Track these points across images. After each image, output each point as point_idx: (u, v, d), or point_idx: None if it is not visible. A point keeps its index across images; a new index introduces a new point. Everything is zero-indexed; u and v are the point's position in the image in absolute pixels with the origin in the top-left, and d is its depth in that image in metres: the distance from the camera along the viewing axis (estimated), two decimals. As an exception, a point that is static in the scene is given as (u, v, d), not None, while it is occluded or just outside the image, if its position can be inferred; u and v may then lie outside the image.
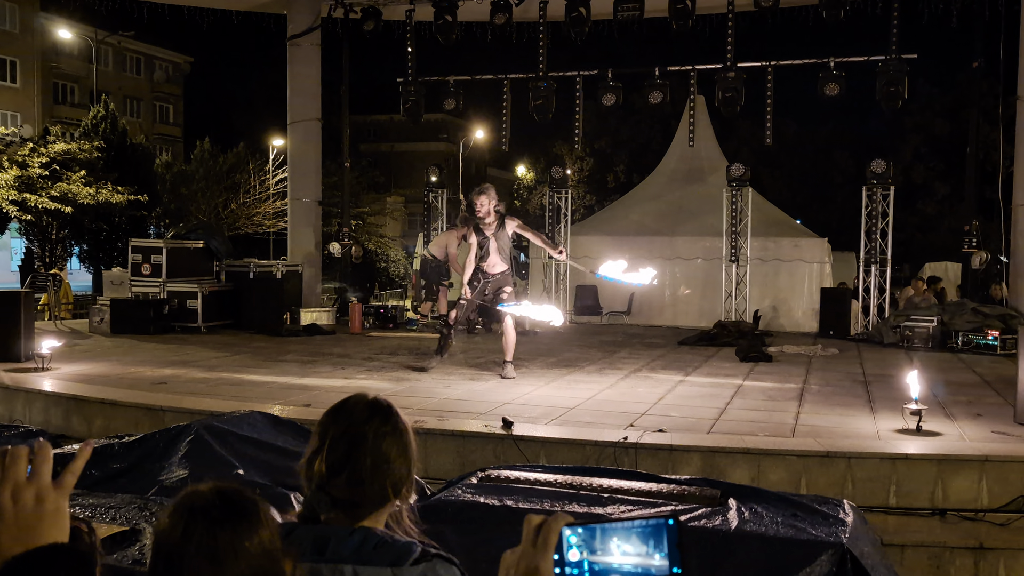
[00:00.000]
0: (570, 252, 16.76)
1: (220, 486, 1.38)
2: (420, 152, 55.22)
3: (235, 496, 1.37)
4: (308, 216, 16.53)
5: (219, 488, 1.38)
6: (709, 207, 16.84)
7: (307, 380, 8.76)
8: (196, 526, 1.32)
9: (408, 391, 8.23)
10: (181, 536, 1.31)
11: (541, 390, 8.41)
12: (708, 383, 9.07)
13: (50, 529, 1.15)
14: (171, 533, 1.32)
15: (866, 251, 14.38)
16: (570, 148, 42.89)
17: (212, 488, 1.37)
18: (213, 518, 1.33)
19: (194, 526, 1.32)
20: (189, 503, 1.35)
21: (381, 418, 1.77)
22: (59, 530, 1.16)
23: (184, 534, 1.31)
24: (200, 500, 1.35)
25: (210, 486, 1.38)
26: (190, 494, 1.37)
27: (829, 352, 11.89)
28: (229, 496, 1.37)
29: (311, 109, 16.47)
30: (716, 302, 15.76)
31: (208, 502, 1.35)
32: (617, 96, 15.12)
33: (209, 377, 8.88)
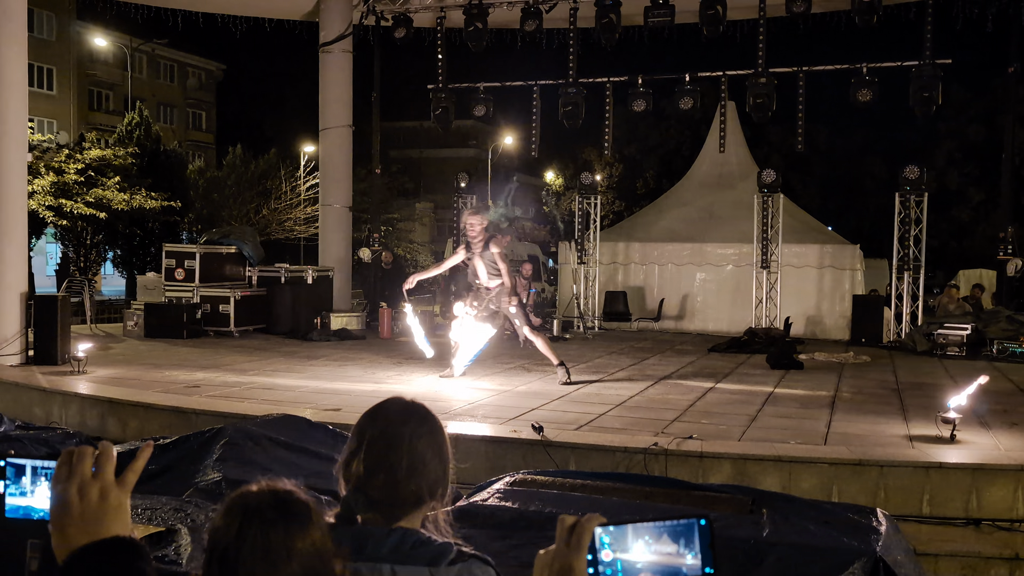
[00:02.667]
0: (599, 258, 16.75)
1: (273, 486, 1.41)
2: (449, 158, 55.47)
3: (288, 496, 1.40)
4: (339, 222, 16.65)
5: (272, 488, 1.40)
6: (740, 213, 16.76)
7: (337, 384, 8.83)
8: (250, 526, 1.34)
9: (439, 395, 8.28)
10: (236, 536, 1.34)
11: (571, 396, 8.42)
12: (739, 390, 9.03)
13: (113, 523, 1.24)
14: (226, 533, 1.35)
15: (899, 258, 14.24)
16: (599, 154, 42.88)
17: (265, 488, 1.40)
18: (267, 518, 1.35)
19: (248, 526, 1.34)
20: (243, 503, 1.37)
21: (417, 420, 1.80)
22: (121, 524, 1.25)
23: (239, 534, 1.34)
24: (254, 500, 1.37)
25: (263, 486, 1.41)
26: (244, 494, 1.39)
27: (861, 360, 11.78)
28: (282, 496, 1.39)
29: (342, 115, 16.61)
30: (747, 309, 15.66)
31: (262, 502, 1.37)
32: (647, 102, 15.10)
33: (241, 381, 8.98)
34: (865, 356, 12.12)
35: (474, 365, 9.73)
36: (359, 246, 17.37)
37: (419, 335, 9.75)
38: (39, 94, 39.49)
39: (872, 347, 13.39)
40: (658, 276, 17.52)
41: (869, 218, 42.65)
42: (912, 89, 13.44)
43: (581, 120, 15.32)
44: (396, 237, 37.88)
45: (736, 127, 19.03)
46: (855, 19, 13.48)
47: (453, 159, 54.75)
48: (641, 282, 17.72)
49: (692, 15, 14.06)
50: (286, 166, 30.84)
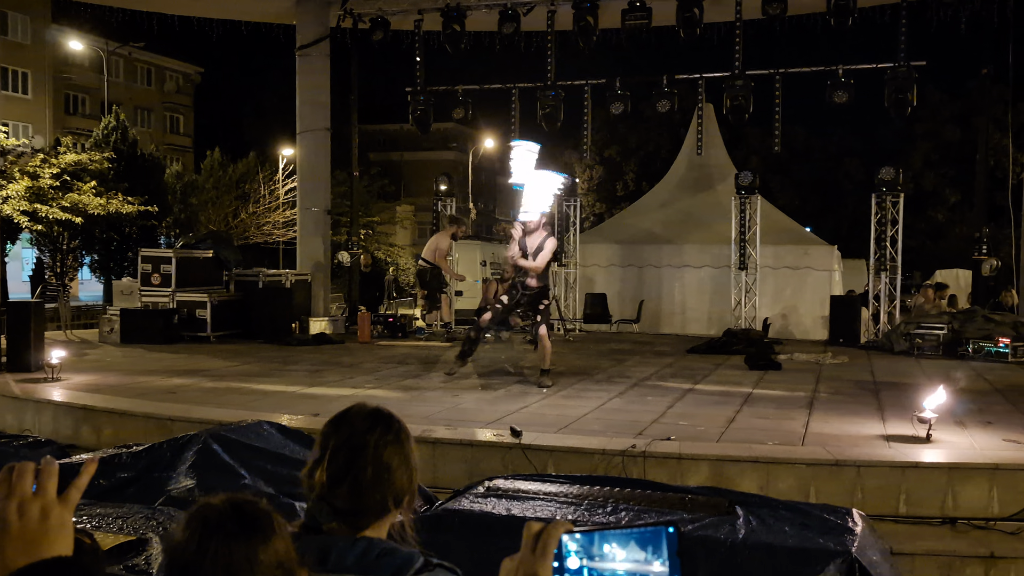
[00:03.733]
0: (579, 259, 16.78)
1: (234, 498, 1.38)
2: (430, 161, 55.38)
3: (249, 508, 1.37)
4: (317, 225, 16.58)
5: (233, 500, 1.37)
6: (718, 215, 16.82)
7: (315, 389, 8.78)
8: (211, 539, 1.31)
9: (417, 399, 8.24)
10: (196, 550, 1.31)
11: (549, 399, 8.41)
12: (717, 391, 9.05)
13: (54, 543, 1.18)
14: (186, 547, 1.32)
15: (876, 258, 14.34)
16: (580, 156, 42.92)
17: (226, 500, 1.37)
18: (228, 531, 1.32)
19: (209, 539, 1.31)
20: (203, 516, 1.34)
21: (383, 427, 1.78)
22: (63, 544, 1.19)
23: (199, 548, 1.31)
24: (214, 513, 1.34)
25: (223, 498, 1.38)
26: (204, 507, 1.36)
27: (839, 360, 11.85)
28: (243, 508, 1.36)
29: (320, 119, 16.54)
30: (725, 310, 15.72)
31: (222, 515, 1.34)
32: (625, 105, 15.13)
33: (218, 387, 8.91)
34: (843, 356, 12.19)
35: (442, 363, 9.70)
36: (338, 249, 17.30)
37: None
38: (14, 98, 39.10)
39: (850, 347, 13.47)
40: (638, 278, 17.57)
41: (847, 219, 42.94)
42: (887, 91, 13.54)
43: (560, 123, 15.34)
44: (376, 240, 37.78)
45: (714, 129, 19.12)
46: (831, 21, 13.57)
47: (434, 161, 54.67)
48: (621, 284, 17.76)
49: (669, 18, 14.11)
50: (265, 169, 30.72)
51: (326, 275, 16.82)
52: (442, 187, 16.97)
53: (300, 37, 16.53)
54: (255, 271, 14.99)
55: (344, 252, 16.76)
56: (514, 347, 13.05)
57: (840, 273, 17.46)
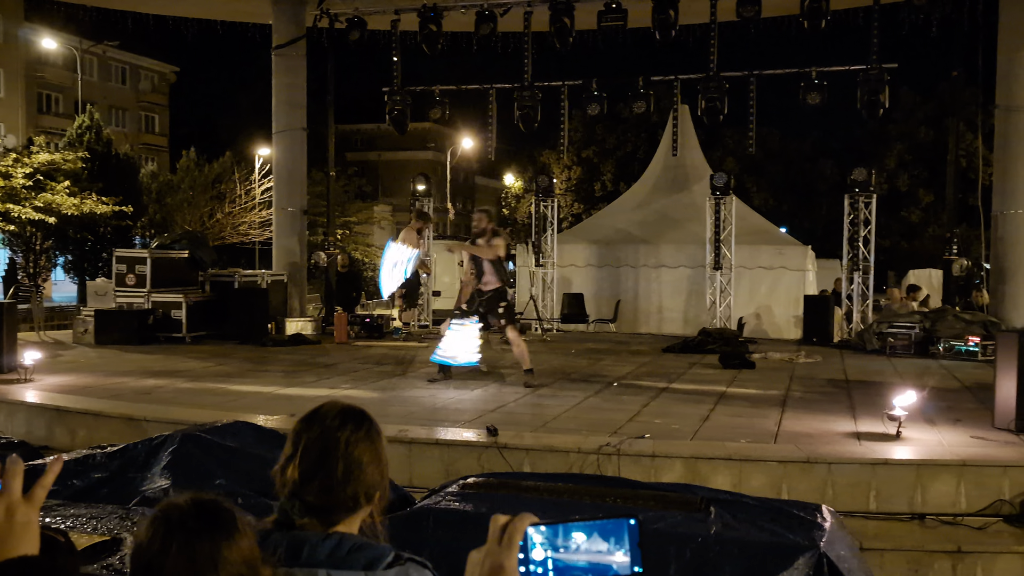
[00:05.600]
0: (557, 259, 16.83)
1: (197, 497, 1.40)
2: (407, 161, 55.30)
3: (212, 506, 1.39)
4: (293, 225, 16.52)
5: (196, 499, 1.39)
6: (693, 215, 16.93)
7: (291, 390, 8.77)
8: (174, 537, 1.33)
9: (393, 400, 8.25)
10: (160, 549, 1.32)
11: (526, 398, 8.45)
12: (692, 390, 9.13)
13: (20, 542, 1.18)
14: (149, 545, 1.33)
15: (849, 258, 14.49)
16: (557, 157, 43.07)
17: (189, 499, 1.39)
18: (191, 528, 1.34)
19: (172, 537, 1.33)
20: (166, 514, 1.36)
21: (354, 424, 1.80)
22: (29, 543, 1.20)
23: (162, 546, 1.32)
24: (177, 511, 1.36)
25: (187, 497, 1.40)
26: (167, 506, 1.38)
27: (812, 359, 11.97)
28: (206, 506, 1.38)
29: (296, 118, 16.48)
30: (700, 310, 15.82)
31: (185, 513, 1.36)
32: (602, 106, 15.21)
33: (193, 387, 8.87)
34: (816, 355, 12.31)
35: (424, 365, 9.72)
36: (315, 250, 17.25)
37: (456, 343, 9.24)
38: (-15, 97, 38.64)
39: (823, 346, 13.61)
40: (615, 278, 17.65)
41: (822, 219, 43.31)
42: (860, 92, 13.70)
43: (537, 123, 15.38)
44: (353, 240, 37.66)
45: (690, 130, 19.23)
46: (804, 23, 13.71)
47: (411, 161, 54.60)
48: (598, 284, 17.83)
49: (645, 19, 14.19)
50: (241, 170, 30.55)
51: (302, 275, 16.78)
52: (419, 187, 16.96)
53: (276, 37, 16.47)
54: (231, 271, 14.92)
55: (321, 252, 16.72)
56: (491, 347, 13.07)
57: (814, 273, 17.62)
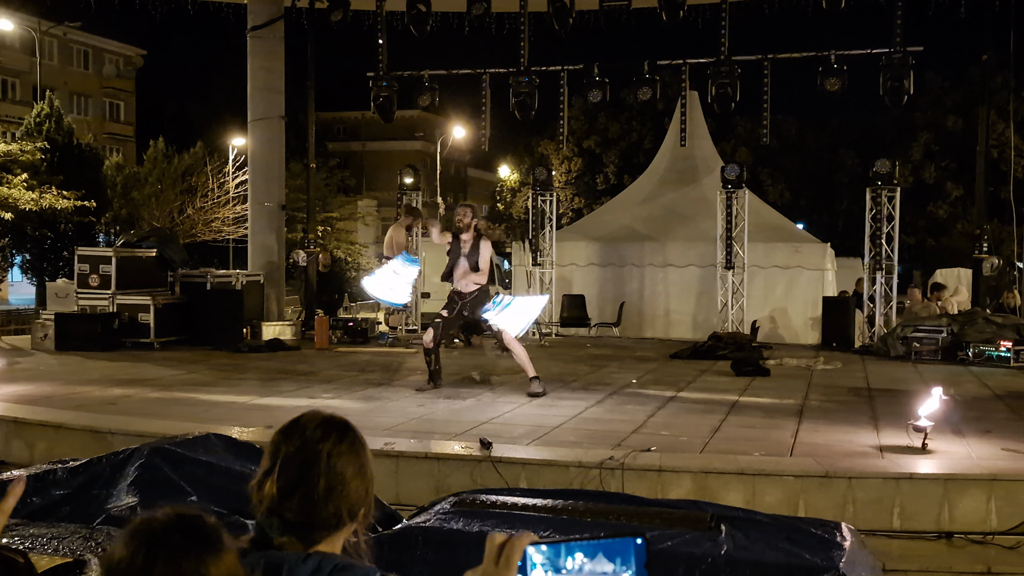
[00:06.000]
0: (556, 258, 16.83)
1: (180, 511, 1.39)
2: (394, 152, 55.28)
3: (197, 522, 1.38)
4: (271, 221, 16.52)
5: (179, 513, 1.38)
6: (703, 210, 16.96)
7: (269, 400, 8.77)
8: (158, 555, 1.32)
9: (379, 410, 8.26)
10: (143, 566, 1.31)
11: (522, 408, 8.47)
12: (701, 399, 9.16)
13: None
14: (131, 563, 1.32)
15: (871, 257, 14.52)
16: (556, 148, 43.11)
17: (171, 513, 1.38)
18: (176, 546, 1.33)
19: (156, 555, 1.32)
20: (148, 530, 1.35)
21: (337, 436, 1.81)
22: None
23: (146, 564, 1.31)
24: (160, 527, 1.35)
25: (168, 511, 1.39)
26: (147, 521, 1.37)
27: (831, 365, 12.02)
28: (191, 522, 1.38)
29: (274, 106, 16.48)
30: (711, 312, 15.86)
31: (169, 529, 1.35)
32: (604, 92, 15.21)
33: (162, 397, 8.87)
34: (836, 361, 12.35)
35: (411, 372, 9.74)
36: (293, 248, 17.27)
37: (517, 316, 9.14)
38: (-64, 82, 38.56)
39: (843, 352, 13.65)
40: (618, 278, 17.66)
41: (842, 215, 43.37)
42: (883, 78, 13.70)
43: (534, 111, 15.38)
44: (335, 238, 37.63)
45: (699, 119, 19.25)
46: (823, 3, 13.74)
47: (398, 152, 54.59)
48: (600, 285, 17.85)
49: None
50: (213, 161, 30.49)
51: (280, 276, 16.78)
52: (407, 180, 16.96)
53: (252, 18, 16.47)
54: (203, 272, 14.92)
55: (300, 251, 16.73)
56: (485, 353, 13.08)
57: (833, 273, 17.62)
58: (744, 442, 6.92)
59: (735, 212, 15.16)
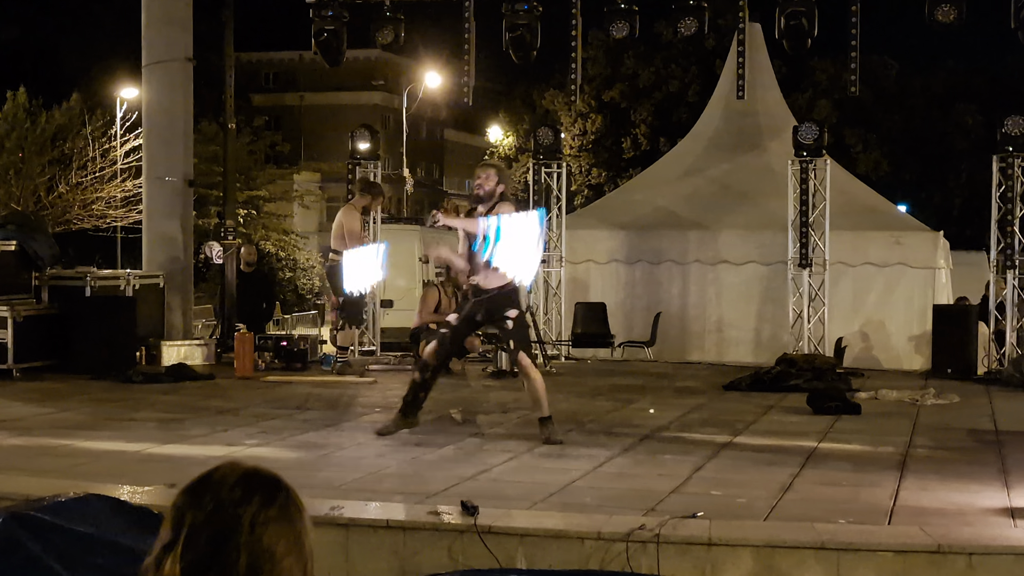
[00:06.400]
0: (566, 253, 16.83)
1: None
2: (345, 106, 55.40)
3: None
4: (173, 203, 16.48)
5: None
6: (769, 187, 16.98)
7: (172, 448, 8.76)
8: None
9: (323, 462, 8.25)
10: None
11: (520, 459, 8.46)
12: (766, 446, 9.16)
13: None
14: None
15: (1000, 250, 14.54)
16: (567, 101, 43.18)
17: None
18: None
19: None
20: None
21: (262, 498, 1.80)
22: None
23: None
24: None
25: None
26: None
27: (946, 399, 12.01)
28: None
29: (177, 44, 16.44)
30: (779, 327, 15.87)
31: None
32: (632, 25, 15.21)
33: (24, 445, 8.83)
34: (952, 394, 12.34)
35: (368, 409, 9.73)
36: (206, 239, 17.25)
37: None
38: None
39: (962, 380, 13.64)
40: (651, 280, 17.67)
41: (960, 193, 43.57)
42: (1014, 5, 13.74)
43: (536, 51, 15.38)
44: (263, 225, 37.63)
45: (764, 62, 19.30)
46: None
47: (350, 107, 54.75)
48: (627, 289, 17.86)
49: None
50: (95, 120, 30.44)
51: (187, 278, 16.73)
52: (361, 145, 16.96)
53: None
54: (81, 272, 14.89)
55: (214, 243, 16.70)
56: (469, 382, 13.07)
57: (948, 272, 17.67)
58: (825, 505, 6.91)
59: (813, 189, 15.16)
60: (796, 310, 15.39)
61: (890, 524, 6.52)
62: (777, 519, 6.59)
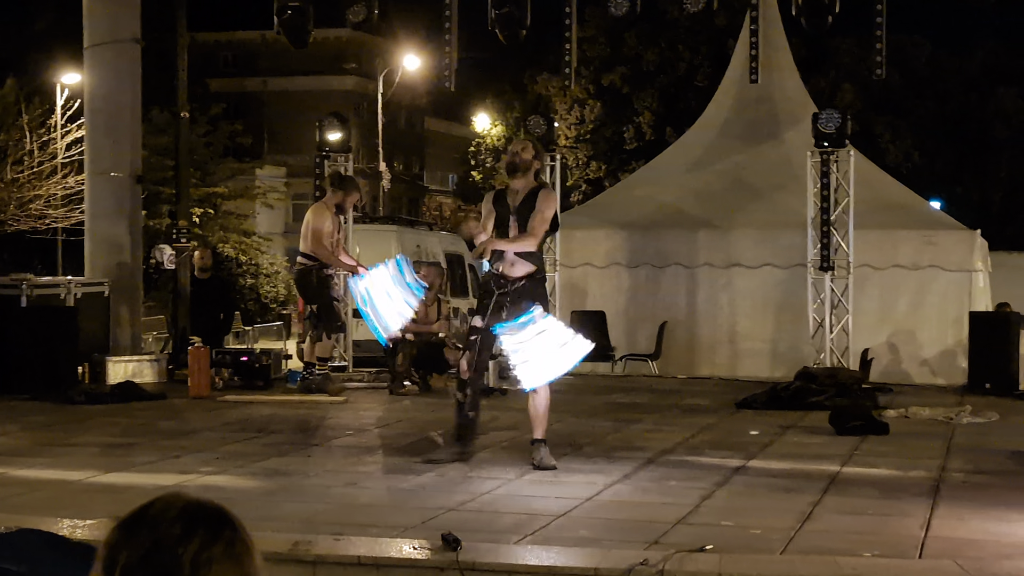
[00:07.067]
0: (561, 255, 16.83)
1: None
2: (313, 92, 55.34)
3: None
4: (120, 202, 16.46)
5: None
6: (787, 182, 17.03)
7: (117, 477, 8.73)
8: None
9: (288, 491, 8.23)
10: None
11: (509, 486, 8.45)
12: (784, 471, 9.17)
13: None
14: None
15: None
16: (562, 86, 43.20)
17: None
18: None
19: None
20: None
21: (205, 533, 1.79)
22: None
23: None
24: None
25: None
26: None
27: (984, 417, 12.03)
28: None
29: (124, 23, 16.43)
30: (798, 337, 15.89)
31: None
32: (633, 1, 15.23)
33: (-48, 473, 8.83)
34: (991, 411, 12.37)
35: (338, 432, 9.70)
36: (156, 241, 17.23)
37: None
38: None
39: (1003, 396, 13.67)
40: (656, 285, 17.69)
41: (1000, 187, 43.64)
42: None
43: (526, 30, 15.39)
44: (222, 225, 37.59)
45: (780, 41, 19.33)
46: None
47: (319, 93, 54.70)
48: (629, 295, 17.87)
49: None
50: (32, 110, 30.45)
51: (136, 286, 16.71)
52: (331, 135, 16.95)
53: None
54: (15, 279, 14.87)
55: (166, 246, 16.69)
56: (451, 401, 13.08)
57: (987, 276, 17.70)
58: (849, 536, 6.93)
59: (835, 184, 15.19)
60: (817, 318, 15.40)
61: (921, 558, 6.51)
62: (795, 552, 6.59)
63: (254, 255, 38.52)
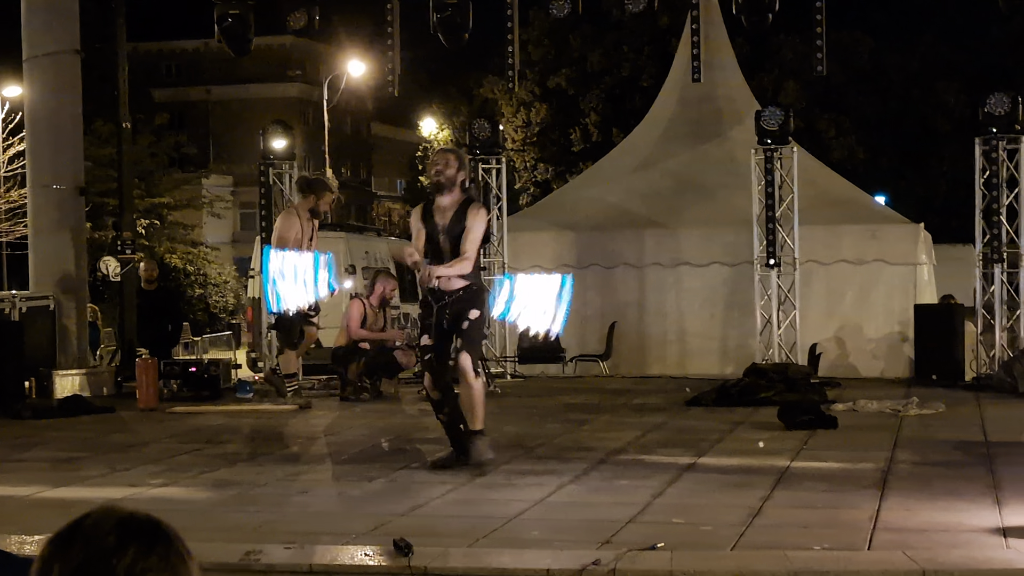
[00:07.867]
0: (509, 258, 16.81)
1: None
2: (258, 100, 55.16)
3: None
4: (63, 214, 16.33)
5: None
6: (732, 179, 17.07)
7: (65, 491, 8.66)
8: None
9: (238, 501, 8.17)
10: None
11: (460, 491, 8.44)
12: (734, 467, 9.22)
13: None
14: None
15: (986, 243, 14.67)
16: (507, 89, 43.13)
17: None
18: None
19: None
20: None
21: (139, 546, 1.78)
22: None
23: None
24: None
25: None
26: None
27: (930, 409, 12.13)
28: None
29: (64, 34, 16.31)
30: (747, 334, 15.96)
31: None
32: (575, 3, 15.24)
33: None
34: (937, 403, 12.46)
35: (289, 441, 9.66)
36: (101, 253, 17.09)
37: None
38: None
39: (948, 388, 13.78)
40: (605, 286, 17.70)
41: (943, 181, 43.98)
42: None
43: (468, 33, 15.37)
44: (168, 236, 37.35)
45: (722, 39, 19.38)
46: None
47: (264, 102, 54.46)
48: (579, 297, 17.81)
49: None
50: (-28, 122, 30.14)
51: (81, 298, 16.57)
52: (276, 143, 16.84)
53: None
54: (-42, 295, 14.73)
55: (111, 258, 16.56)
56: (402, 406, 13.06)
57: (931, 268, 17.82)
58: (799, 530, 6.96)
59: (779, 181, 15.25)
60: (765, 315, 15.47)
61: (870, 549, 6.54)
62: (746, 548, 6.60)
63: (202, 265, 38.28)
